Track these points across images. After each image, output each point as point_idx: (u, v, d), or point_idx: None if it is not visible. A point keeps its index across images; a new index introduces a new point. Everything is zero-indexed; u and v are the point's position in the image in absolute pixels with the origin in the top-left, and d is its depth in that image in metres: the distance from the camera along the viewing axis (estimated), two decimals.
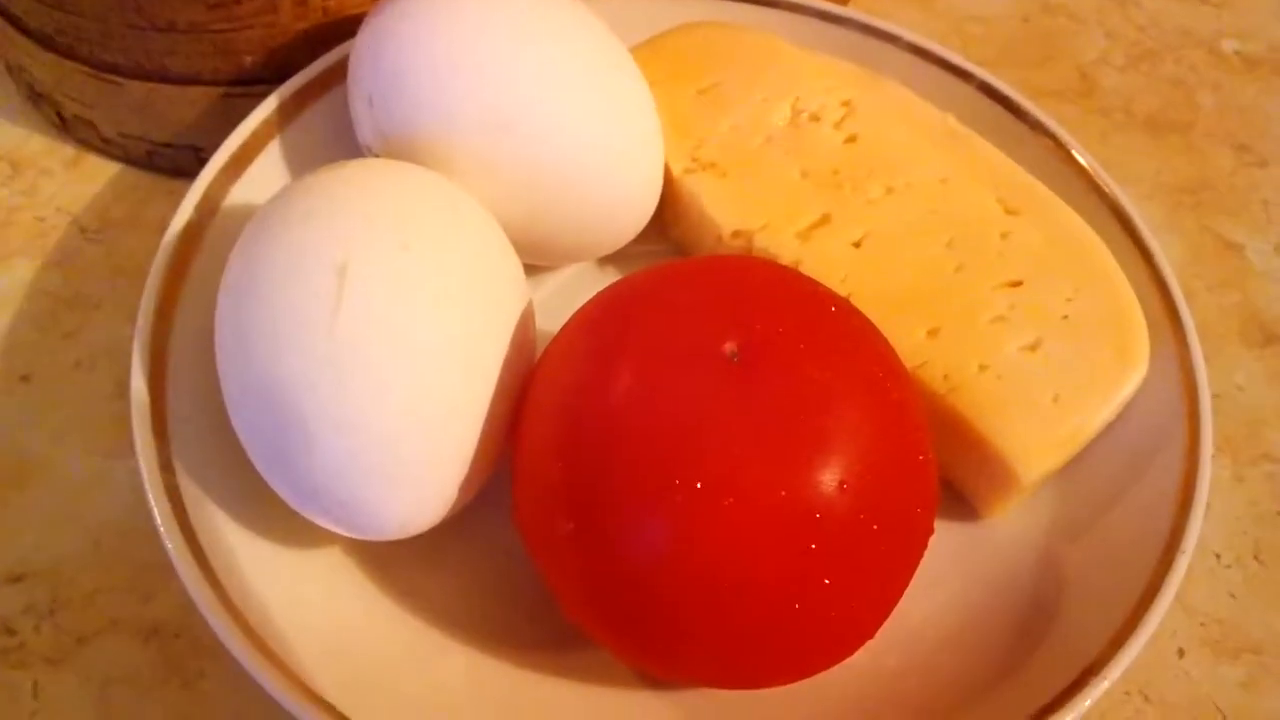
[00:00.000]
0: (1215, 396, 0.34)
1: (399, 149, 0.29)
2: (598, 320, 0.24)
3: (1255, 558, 0.31)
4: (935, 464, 0.24)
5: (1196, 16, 0.45)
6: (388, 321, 0.24)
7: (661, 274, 0.25)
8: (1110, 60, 0.43)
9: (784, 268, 0.27)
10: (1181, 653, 0.29)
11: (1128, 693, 0.28)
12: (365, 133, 0.30)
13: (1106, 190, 0.32)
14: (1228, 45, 0.44)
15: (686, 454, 0.22)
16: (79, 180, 0.36)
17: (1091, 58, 0.43)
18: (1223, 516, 0.31)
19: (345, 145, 0.31)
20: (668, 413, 0.22)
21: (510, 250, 0.27)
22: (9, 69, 0.37)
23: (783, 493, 0.21)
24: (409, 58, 0.28)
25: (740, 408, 0.22)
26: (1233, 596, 0.30)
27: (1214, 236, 0.38)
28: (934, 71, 0.35)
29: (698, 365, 0.22)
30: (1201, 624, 0.30)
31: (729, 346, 0.23)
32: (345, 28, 0.33)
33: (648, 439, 0.22)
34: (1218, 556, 0.31)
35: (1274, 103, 0.42)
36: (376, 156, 0.30)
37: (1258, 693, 0.29)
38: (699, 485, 0.21)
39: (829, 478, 0.21)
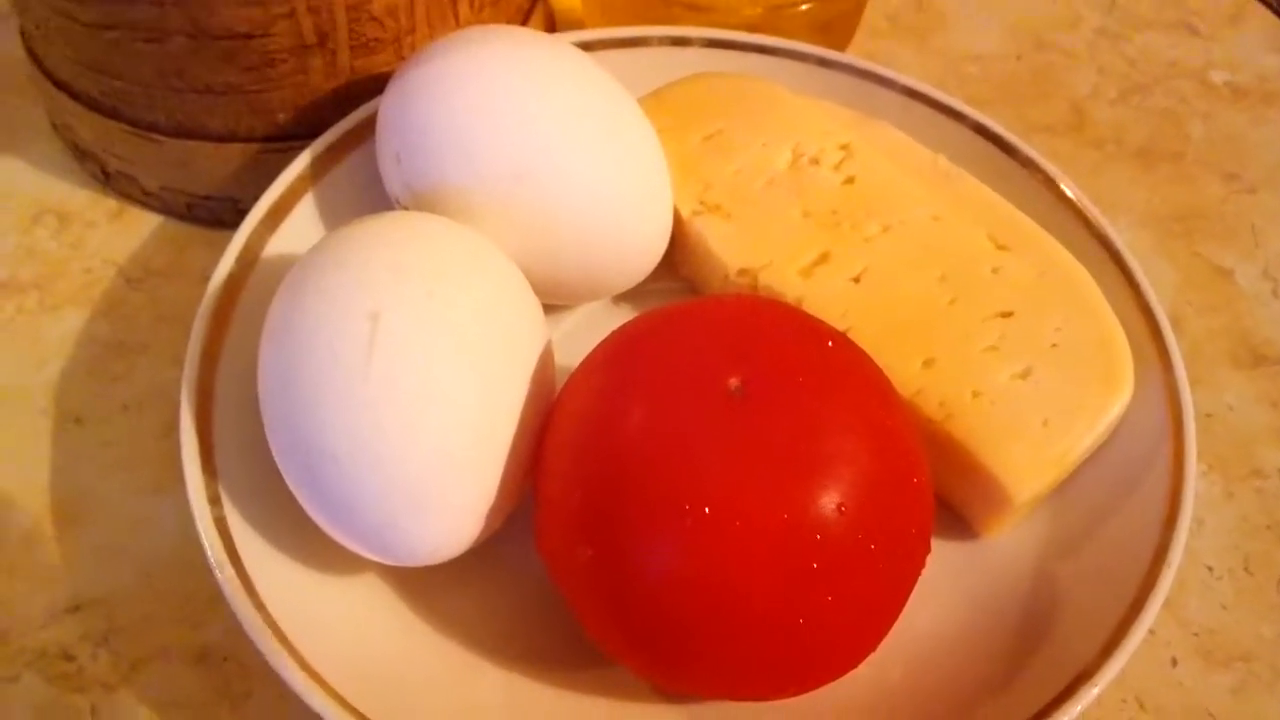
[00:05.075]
0: (1206, 416, 0.35)
1: (425, 200, 0.31)
2: (611, 359, 0.26)
3: (1245, 570, 0.32)
4: (930, 487, 0.26)
5: (1186, 49, 0.46)
6: (418, 364, 0.25)
7: (668, 315, 0.27)
8: (1102, 94, 0.44)
9: (783, 305, 0.28)
10: (1175, 662, 0.30)
11: (1124, 700, 0.30)
12: (394, 186, 0.32)
13: (1095, 223, 0.34)
14: (1217, 76, 0.46)
15: (695, 482, 0.23)
16: (123, 232, 0.38)
17: (1084, 92, 0.45)
18: (1214, 531, 0.33)
19: (375, 197, 0.33)
20: (677, 444, 0.24)
21: (530, 293, 0.29)
22: (56, 128, 0.39)
23: (785, 516, 0.23)
24: (433, 116, 0.30)
25: (744, 438, 0.24)
26: (1224, 608, 0.31)
27: (1204, 262, 0.39)
28: (929, 113, 0.37)
29: (704, 400, 0.24)
30: (1194, 634, 0.31)
31: (733, 381, 0.24)
32: (372, 85, 0.35)
33: (659, 469, 0.24)
34: (1209, 569, 0.32)
35: (1263, 131, 0.44)
36: (405, 208, 0.32)
37: (1248, 699, 0.30)
38: (707, 510, 0.23)
39: (828, 501, 0.23)
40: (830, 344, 0.26)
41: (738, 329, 0.26)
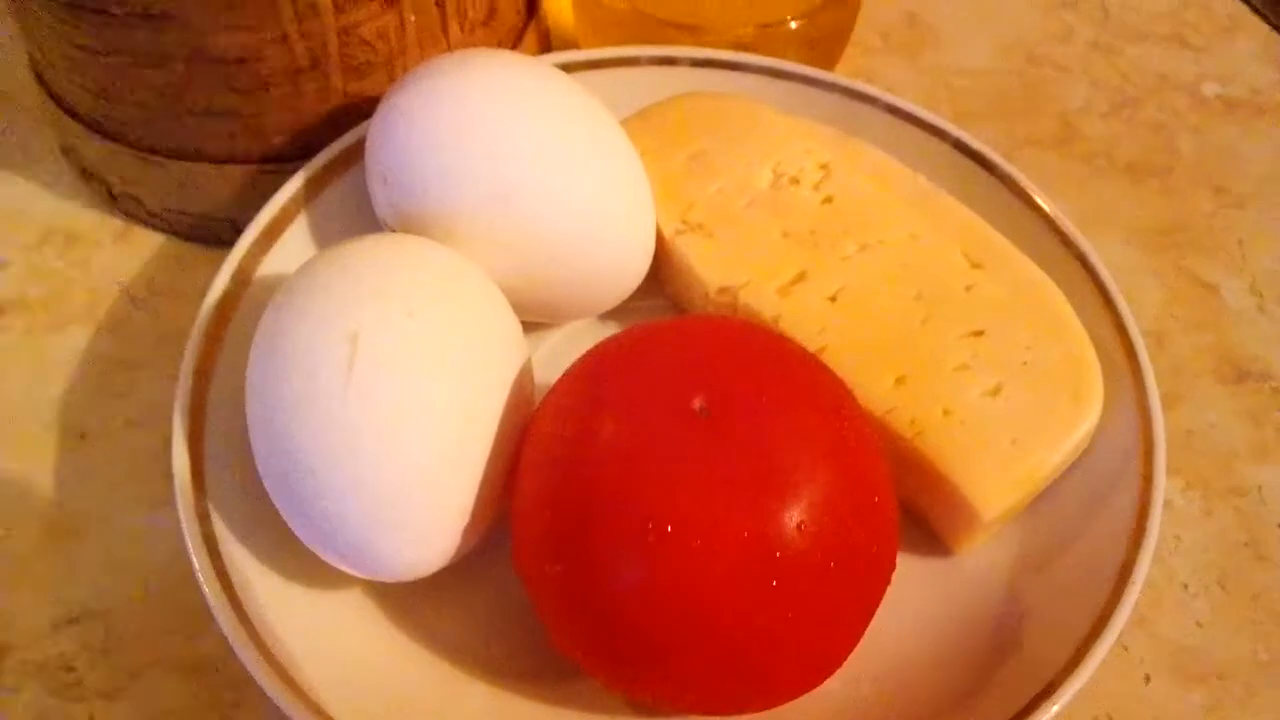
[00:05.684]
0: (1187, 433, 0.35)
1: (412, 221, 0.32)
2: (581, 379, 0.27)
3: (1221, 587, 0.32)
4: (893, 506, 0.26)
5: (1178, 62, 0.47)
6: (395, 384, 0.26)
7: (638, 336, 0.27)
8: (1093, 108, 0.45)
9: (751, 326, 0.29)
10: (1148, 678, 0.31)
11: (1095, 717, 0.30)
12: (381, 207, 0.33)
13: (1072, 239, 0.34)
14: (1209, 89, 0.46)
15: (659, 501, 0.24)
16: (127, 252, 0.39)
17: (1075, 106, 0.45)
18: (1191, 548, 0.33)
19: (365, 217, 0.34)
20: (642, 464, 0.24)
21: (509, 313, 0.30)
22: (63, 150, 0.40)
23: (745, 534, 0.24)
24: (417, 139, 0.31)
25: (707, 458, 0.24)
26: (1199, 625, 0.32)
27: (1190, 277, 0.40)
28: (911, 130, 0.37)
29: (669, 420, 0.25)
30: (1169, 651, 0.31)
31: (697, 402, 0.25)
32: (365, 108, 0.36)
33: (625, 488, 0.24)
34: (1185, 586, 0.32)
35: (1253, 144, 0.44)
36: (392, 229, 0.33)
37: (1221, 716, 0.30)
38: (670, 529, 0.24)
39: (788, 520, 0.24)
40: (795, 364, 0.27)
41: (704, 350, 0.26)
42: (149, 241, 0.39)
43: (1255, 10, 0.48)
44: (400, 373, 0.26)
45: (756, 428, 0.25)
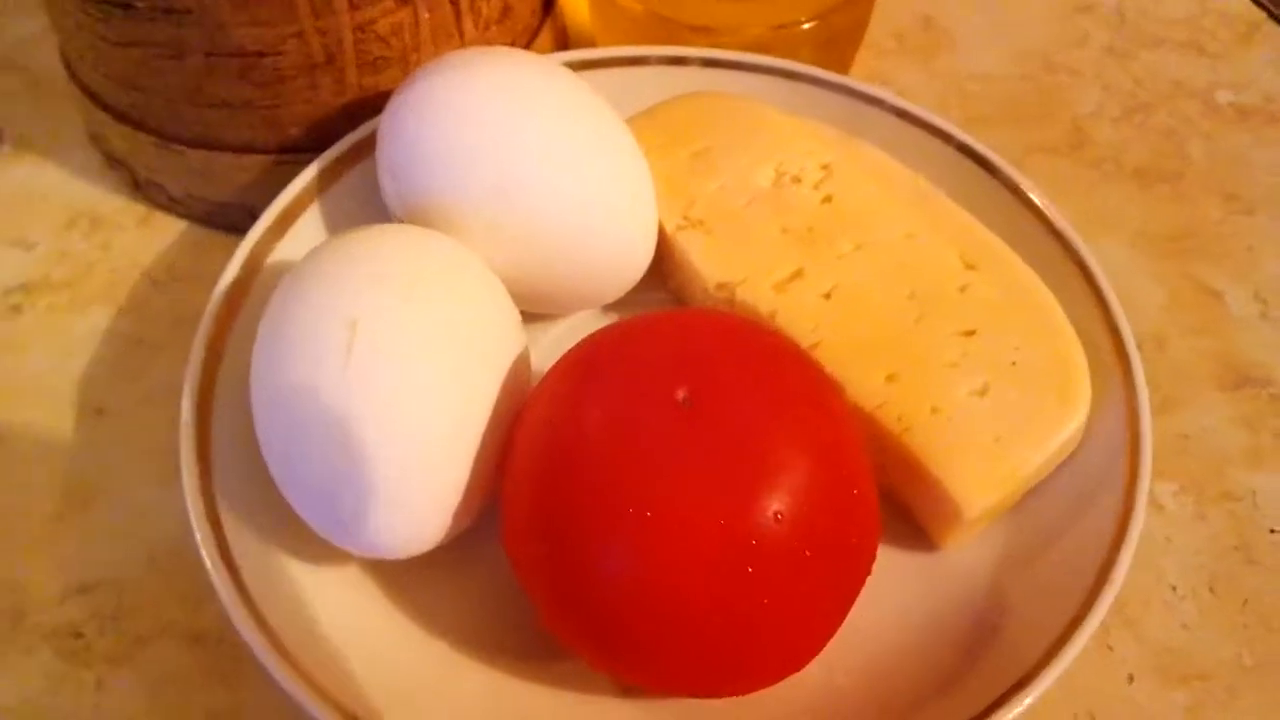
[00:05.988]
0: (1183, 437, 0.36)
1: (417, 212, 0.33)
2: (573, 368, 0.28)
3: (1210, 590, 0.32)
4: (874, 499, 0.27)
5: (1192, 69, 0.46)
6: (392, 369, 0.27)
7: (628, 328, 0.28)
8: (1105, 113, 0.45)
9: (742, 320, 0.30)
10: (1131, 678, 0.31)
11: (1075, 715, 0.30)
12: (389, 198, 0.34)
13: (1070, 242, 0.34)
14: (1222, 96, 0.46)
15: (640, 487, 0.25)
16: (149, 236, 0.40)
17: (1087, 111, 0.45)
18: (1181, 550, 0.33)
19: (374, 208, 0.35)
20: (625, 451, 0.25)
21: (507, 302, 0.31)
22: (91, 138, 0.42)
23: (722, 522, 0.24)
24: (423, 133, 0.32)
25: (688, 447, 0.25)
26: (1185, 627, 0.32)
27: (1195, 283, 0.40)
28: (916, 132, 0.37)
29: (653, 410, 0.25)
30: (1153, 652, 0.31)
31: (681, 393, 0.25)
32: (379, 102, 0.36)
33: (607, 474, 0.25)
34: (1174, 588, 0.32)
35: (1265, 152, 0.44)
36: (400, 220, 0.34)
37: (1202, 717, 0.30)
38: (649, 514, 0.24)
39: (764, 509, 0.24)
40: (782, 358, 0.27)
41: (690, 343, 0.27)
42: (170, 227, 0.40)
43: (1274, 17, 0.48)
44: (397, 358, 0.27)
45: (737, 419, 0.25)
